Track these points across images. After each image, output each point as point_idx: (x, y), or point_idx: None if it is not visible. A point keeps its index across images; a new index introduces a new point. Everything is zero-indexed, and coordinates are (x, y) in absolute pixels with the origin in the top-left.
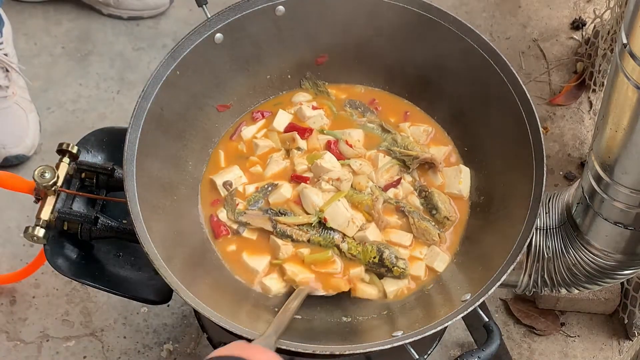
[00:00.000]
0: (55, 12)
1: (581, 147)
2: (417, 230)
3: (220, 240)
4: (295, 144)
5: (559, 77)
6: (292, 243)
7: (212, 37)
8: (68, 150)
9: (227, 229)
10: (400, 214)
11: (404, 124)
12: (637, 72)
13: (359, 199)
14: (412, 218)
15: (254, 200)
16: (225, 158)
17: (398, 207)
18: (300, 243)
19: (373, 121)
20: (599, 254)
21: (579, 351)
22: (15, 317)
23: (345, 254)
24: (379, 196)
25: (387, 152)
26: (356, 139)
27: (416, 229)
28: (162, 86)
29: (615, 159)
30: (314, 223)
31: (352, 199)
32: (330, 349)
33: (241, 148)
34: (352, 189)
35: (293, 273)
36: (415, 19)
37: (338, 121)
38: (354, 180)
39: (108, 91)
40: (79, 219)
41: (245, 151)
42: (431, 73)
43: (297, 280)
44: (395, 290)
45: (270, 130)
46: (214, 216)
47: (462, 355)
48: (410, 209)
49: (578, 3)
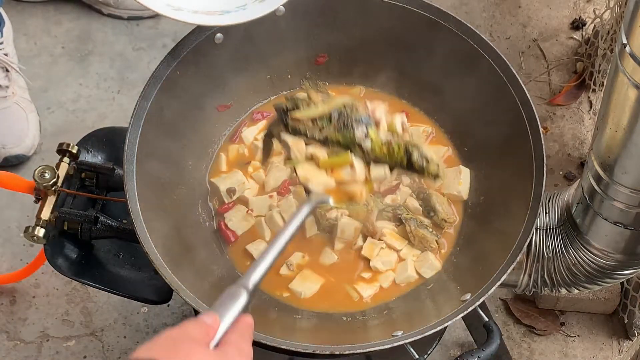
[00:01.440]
0: (55, 12)
1: (581, 147)
2: (414, 238)
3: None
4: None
5: (559, 77)
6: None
7: (212, 37)
8: (68, 150)
9: (236, 235)
10: (398, 221)
11: None
12: (637, 72)
13: (355, 211)
14: (409, 226)
15: None
16: (227, 162)
17: (395, 215)
18: (314, 142)
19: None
20: (599, 253)
21: (579, 351)
22: (15, 317)
23: (369, 155)
24: (374, 207)
25: None
26: None
27: (413, 237)
28: (162, 86)
29: (615, 159)
30: (333, 116)
31: (348, 210)
32: (330, 349)
33: (242, 151)
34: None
35: (305, 178)
36: (415, 19)
37: None
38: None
39: (108, 91)
40: (79, 218)
41: (247, 155)
42: (431, 73)
43: (310, 186)
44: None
45: None
46: (222, 223)
47: (462, 355)
48: (407, 216)
49: (578, 3)
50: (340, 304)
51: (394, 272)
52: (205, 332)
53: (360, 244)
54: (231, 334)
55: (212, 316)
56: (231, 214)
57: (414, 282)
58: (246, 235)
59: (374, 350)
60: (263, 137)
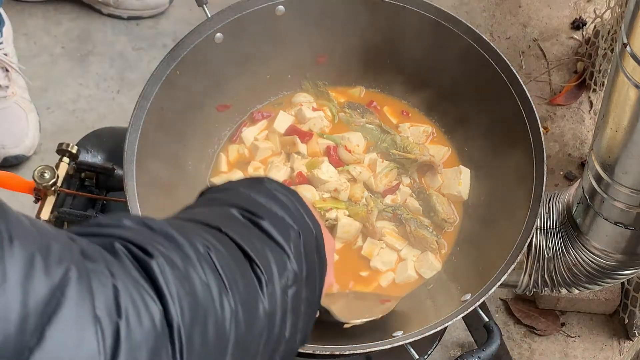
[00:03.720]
0: (55, 12)
1: (581, 147)
2: (414, 239)
3: None
4: (295, 147)
5: (559, 77)
6: None
7: (212, 37)
8: (68, 150)
9: None
10: (398, 221)
11: (403, 125)
12: (637, 71)
13: (354, 211)
14: (409, 226)
15: None
16: (227, 162)
17: (395, 215)
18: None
19: (372, 122)
20: (600, 254)
21: (579, 351)
22: None
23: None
24: (373, 208)
25: (386, 155)
26: (355, 143)
27: (414, 237)
28: (162, 86)
29: (616, 159)
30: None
31: (348, 210)
32: (330, 349)
33: (242, 152)
34: (349, 201)
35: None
36: (415, 19)
37: (337, 123)
38: (350, 191)
39: (108, 91)
40: (79, 219)
41: (247, 155)
42: (431, 73)
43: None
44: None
45: (272, 132)
46: None
47: (462, 355)
48: (407, 216)
49: (578, 3)
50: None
51: (394, 272)
52: None
53: (360, 244)
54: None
55: None
56: None
57: (414, 282)
58: None
59: (374, 351)
60: None
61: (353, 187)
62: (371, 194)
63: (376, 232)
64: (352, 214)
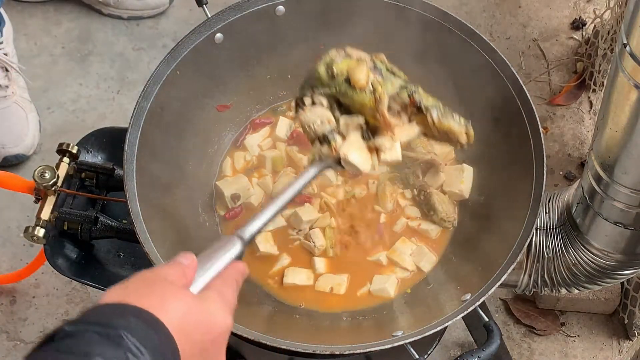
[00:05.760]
0: (55, 12)
1: (581, 147)
2: (438, 132)
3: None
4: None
5: (559, 77)
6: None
7: (212, 37)
8: (68, 150)
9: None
10: (415, 112)
11: None
12: (637, 72)
13: (359, 100)
14: (431, 116)
15: None
16: (232, 168)
17: (412, 102)
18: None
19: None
20: (599, 253)
21: (579, 351)
22: (15, 317)
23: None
24: (382, 95)
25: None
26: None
27: (437, 130)
28: (162, 86)
29: (615, 159)
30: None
31: (352, 100)
32: (330, 349)
33: (248, 159)
34: (350, 88)
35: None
36: (414, 19)
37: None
38: (351, 76)
39: (108, 91)
40: (79, 219)
41: (255, 163)
42: (431, 73)
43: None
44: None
45: (276, 140)
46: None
47: (462, 355)
48: (427, 104)
49: (578, 3)
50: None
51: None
52: (182, 272)
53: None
54: (216, 279)
55: (188, 256)
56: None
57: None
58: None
59: (374, 350)
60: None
61: (356, 71)
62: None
63: (389, 123)
64: (357, 106)
